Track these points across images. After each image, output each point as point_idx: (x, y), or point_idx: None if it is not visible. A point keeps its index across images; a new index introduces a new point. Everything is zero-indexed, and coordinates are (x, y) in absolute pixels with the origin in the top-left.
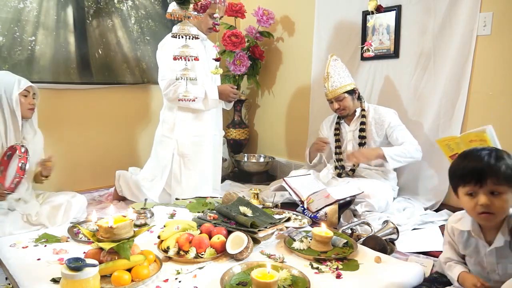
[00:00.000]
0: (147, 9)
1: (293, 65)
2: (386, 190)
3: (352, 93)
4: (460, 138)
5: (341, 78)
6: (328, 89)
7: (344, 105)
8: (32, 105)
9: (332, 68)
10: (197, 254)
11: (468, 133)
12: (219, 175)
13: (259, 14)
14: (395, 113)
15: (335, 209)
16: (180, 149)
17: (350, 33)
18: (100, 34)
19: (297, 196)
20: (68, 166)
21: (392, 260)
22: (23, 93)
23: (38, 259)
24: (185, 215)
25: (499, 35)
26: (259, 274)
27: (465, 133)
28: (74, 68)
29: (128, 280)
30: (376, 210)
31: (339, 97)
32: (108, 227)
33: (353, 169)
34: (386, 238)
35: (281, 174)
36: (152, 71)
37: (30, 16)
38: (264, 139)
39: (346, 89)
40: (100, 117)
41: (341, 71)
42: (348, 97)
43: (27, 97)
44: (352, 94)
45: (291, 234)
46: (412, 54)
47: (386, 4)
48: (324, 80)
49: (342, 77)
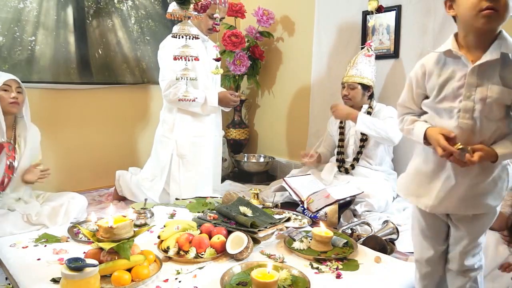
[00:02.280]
0: (147, 9)
1: (293, 65)
2: (386, 190)
3: (365, 89)
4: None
5: (364, 71)
6: (347, 73)
7: (353, 95)
8: (15, 99)
9: (362, 58)
10: (197, 254)
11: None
12: (219, 176)
13: (259, 14)
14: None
15: (335, 209)
16: (179, 150)
17: (350, 33)
18: (100, 34)
19: (297, 196)
20: (68, 166)
21: (392, 260)
22: (4, 88)
23: (38, 259)
24: (185, 215)
25: None
26: (259, 274)
27: None
28: (74, 68)
29: (128, 280)
30: (375, 210)
31: (352, 84)
32: (108, 227)
33: (352, 165)
34: (386, 238)
35: (281, 174)
36: (152, 71)
37: (30, 16)
38: (264, 139)
39: (363, 82)
40: (100, 117)
41: (368, 66)
42: (360, 90)
43: (7, 91)
44: (365, 90)
45: (291, 234)
46: (412, 54)
47: (386, 4)
48: (349, 64)
49: (366, 71)
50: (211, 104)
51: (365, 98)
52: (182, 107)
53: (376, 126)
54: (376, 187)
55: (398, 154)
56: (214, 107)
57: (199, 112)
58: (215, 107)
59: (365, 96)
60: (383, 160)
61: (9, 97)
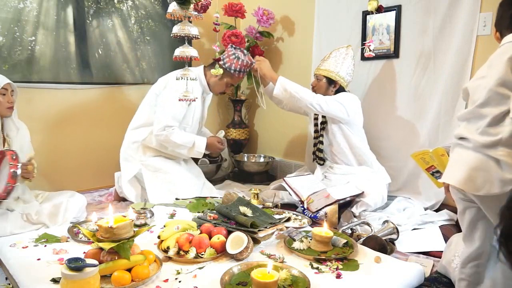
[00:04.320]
0: (147, 9)
1: (293, 65)
2: (378, 185)
3: (331, 83)
4: (432, 152)
5: (334, 65)
6: (318, 65)
7: (318, 86)
8: (11, 103)
9: (338, 53)
10: (197, 254)
11: (438, 148)
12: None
13: (259, 14)
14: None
15: (335, 209)
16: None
17: (350, 33)
18: (100, 34)
19: (297, 196)
20: (68, 166)
21: (392, 260)
22: (1, 92)
23: (38, 259)
24: (185, 215)
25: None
26: (259, 274)
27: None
28: (74, 68)
29: (128, 280)
30: (373, 207)
31: (318, 76)
32: (108, 227)
33: (323, 159)
34: (386, 238)
35: (281, 174)
36: (152, 71)
37: (30, 16)
38: (264, 139)
39: (328, 75)
40: (100, 117)
41: (341, 61)
42: (325, 83)
43: (5, 95)
44: (331, 84)
45: (291, 234)
46: (412, 54)
47: (386, 4)
48: (324, 57)
49: (336, 65)
50: (198, 149)
51: (329, 91)
52: (171, 148)
53: (293, 90)
54: (369, 185)
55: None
56: (200, 152)
57: (184, 154)
58: (201, 153)
59: (329, 90)
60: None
61: (7, 101)
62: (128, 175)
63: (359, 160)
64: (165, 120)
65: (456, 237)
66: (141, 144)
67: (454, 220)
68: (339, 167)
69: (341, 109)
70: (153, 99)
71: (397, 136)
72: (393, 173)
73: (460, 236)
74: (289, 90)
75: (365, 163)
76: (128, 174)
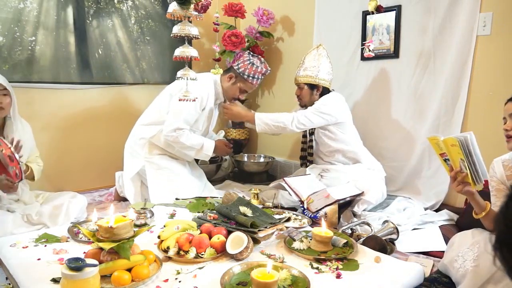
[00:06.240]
0: (147, 9)
1: (293, 65)
2: (376, 181)
3: (313, 88)
4: (443, 141)
5: (310, 70)
6: (296, 74)
7: (302, 94)
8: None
9: (310, 56)
10: (197, 254)
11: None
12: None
13: (259, 14)
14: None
15: (335, 209)
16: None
17: (350, 33)
18: (100, 34)
19: (297, 196)
20: (68, 166)
21: (392, 260)
22: None
23: (38, 259)
24: (185, 215)
25: (499, 35)
26: (259, 274)
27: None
28: (74, 68)
29: (128, 280)
30: (374, 204)
31: (300, 84)
32: (108, 227)
33: (309, 160)
34: (386, 238)
35: (281, 174)
36: (152, 71)
37: (30, 16)
38: (264, 139)
39: (308, 81)
40: (100, 117)
41: (316, 64)
42: (308, 90)
43: None
44: (313, 89)
45: (291, 234)
46: (412, 54)
47: (386, 4)
48: (299, 64)
49: (312, 69)
50: (206, 151)
51: (314, 96)
52: (178, 149)
53: (273, 121)
54: (368, 182)
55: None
56: (208, 155)
57: (191, 156)
58: (209, 156)
59: (313, 95)
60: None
61: None
62: (132, 171)
63: (353, 158)
64: (176, 122)
65: (458, 236)
66: (148, 141)
67: (454, 220)
68: (335, 168)
69: (325, 118)
70: (167, 99)
71: (397, 136)
72: (393, 173)
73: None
74: (270, 123)
75: (360, 160)
76: (132, 171)
